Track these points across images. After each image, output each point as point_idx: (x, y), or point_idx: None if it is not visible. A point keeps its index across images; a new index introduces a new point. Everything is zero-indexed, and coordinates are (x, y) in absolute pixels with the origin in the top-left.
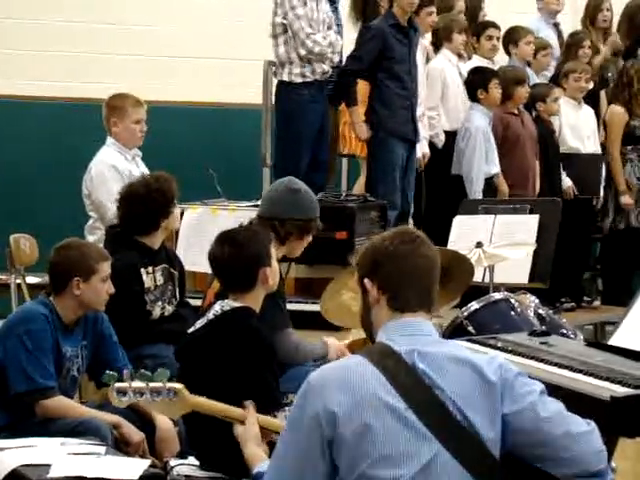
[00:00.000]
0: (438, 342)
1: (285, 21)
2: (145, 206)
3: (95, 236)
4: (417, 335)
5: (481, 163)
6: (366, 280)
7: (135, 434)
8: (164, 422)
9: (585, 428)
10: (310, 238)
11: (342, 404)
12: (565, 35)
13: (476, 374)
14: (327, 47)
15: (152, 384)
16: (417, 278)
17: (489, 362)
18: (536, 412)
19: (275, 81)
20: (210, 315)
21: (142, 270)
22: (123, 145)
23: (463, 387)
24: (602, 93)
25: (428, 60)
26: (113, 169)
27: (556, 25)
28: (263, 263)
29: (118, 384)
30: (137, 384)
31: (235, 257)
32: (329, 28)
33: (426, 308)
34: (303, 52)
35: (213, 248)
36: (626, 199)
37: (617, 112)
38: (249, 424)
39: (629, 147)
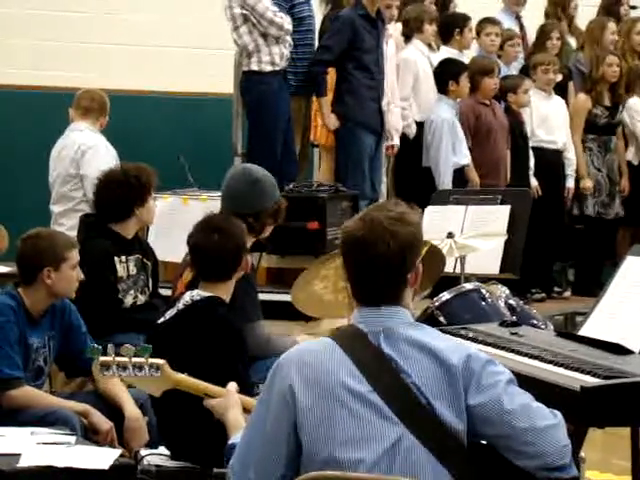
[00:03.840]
0: (408, 325)
1: (244, 10)
2: (121, 191)
3: (72, 220)
4: (386, 317)
5: (448, 155)
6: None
7: (104, 423)
8: (132, 412)
9: (550, 422)
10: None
11: (307, 386)
12: (527, 27)
13: (439, 362)
14: (289, 25)
15: (135, 359)
16: (374, 274)
17: (455, 351)
18: (501, 404)
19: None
20: (180, 305)
21: (115, 259)
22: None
23: (426, 373)
24: (570, 85)
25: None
26: (106, 148)
27: (518, 18)
28: (246, 251)
29: (103, 358)
30: (120, 359)
31: (224, 245)
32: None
33: (392, 300)
34: (274, 31)
35: (197, 236)
36: (585, 182)
37: (581, 99)
38: (230, 393)
39: (590, 136)
